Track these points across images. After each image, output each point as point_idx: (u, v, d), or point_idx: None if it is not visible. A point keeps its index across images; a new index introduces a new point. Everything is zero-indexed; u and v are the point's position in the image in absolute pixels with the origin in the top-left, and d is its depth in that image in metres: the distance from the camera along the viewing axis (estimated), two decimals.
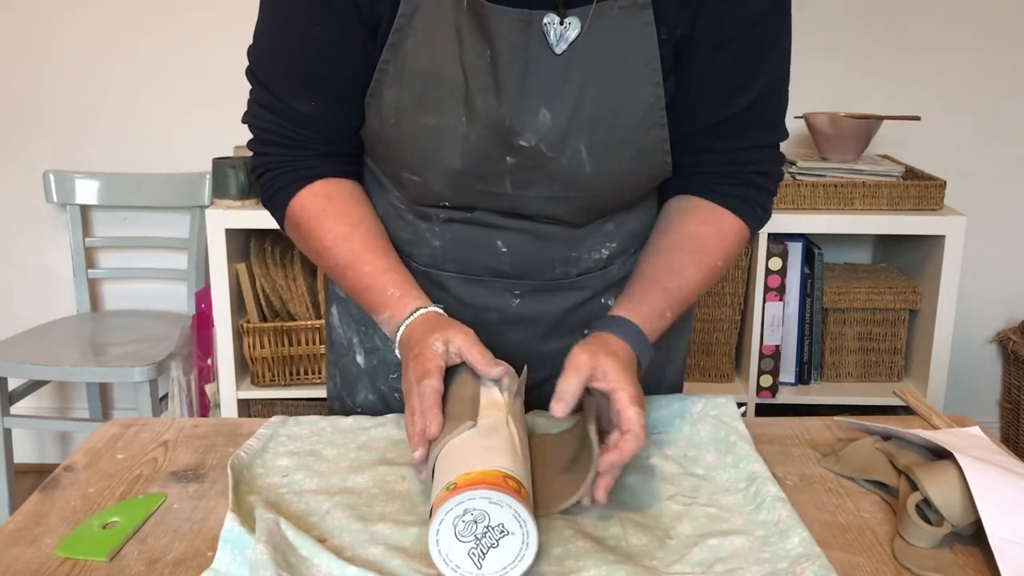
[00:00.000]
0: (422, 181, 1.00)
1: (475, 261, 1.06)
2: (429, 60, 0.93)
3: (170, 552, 0.81)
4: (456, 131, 0.95)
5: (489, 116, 0.94)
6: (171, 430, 1.05)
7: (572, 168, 0.96)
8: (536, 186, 0.98)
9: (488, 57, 0.93)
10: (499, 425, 0.84)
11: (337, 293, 1.17)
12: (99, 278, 2.60)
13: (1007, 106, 2.47)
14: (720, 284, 2.28)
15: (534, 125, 0.94)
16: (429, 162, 0.98)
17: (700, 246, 1.03)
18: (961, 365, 2.54)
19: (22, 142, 2.53)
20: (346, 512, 0.86)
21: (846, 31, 2.43)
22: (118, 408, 2.73)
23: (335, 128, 1.02)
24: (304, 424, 1.05)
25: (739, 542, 0.82)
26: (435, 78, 0.94)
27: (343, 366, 1.17)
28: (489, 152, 0.96)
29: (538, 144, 0.95)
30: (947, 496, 0.83)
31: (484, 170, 0.97)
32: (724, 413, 1.04)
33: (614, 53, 0.93)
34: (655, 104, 0.95)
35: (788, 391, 2.33)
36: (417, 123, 0.96)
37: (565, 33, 0.92)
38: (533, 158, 0.96)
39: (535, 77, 0.93)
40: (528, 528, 0.74)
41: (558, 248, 1.05)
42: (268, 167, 1.04)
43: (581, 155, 0.96)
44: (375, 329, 1.13)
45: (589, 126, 0.95)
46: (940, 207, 2.20)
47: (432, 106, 0.94)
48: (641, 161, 0.98)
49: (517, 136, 0.95)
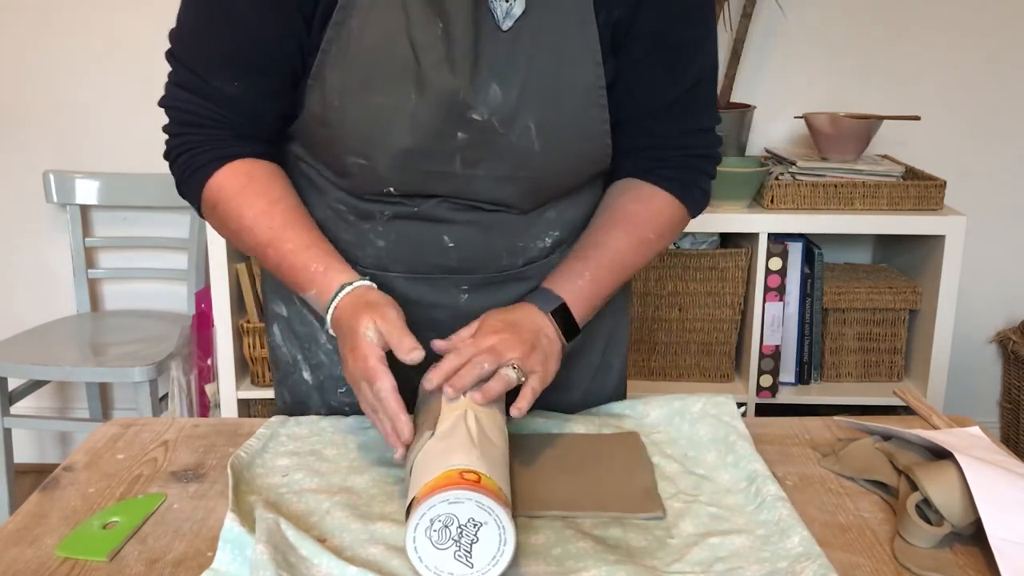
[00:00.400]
0: (368, 164, 0.98)
1: (422, 259, 1.05)
2: (376, 37, 0.93)
3: (170, 552, 0.81)
4: (405, 109, 0.94)
5: (443, 89, 0.94)
6: (171, 430, 1.05)
7: (522, 145, 0.98)
8: (485, 164, 0.99)
9: (440, 30, 0.94)
10: (457, 424, 0.85)
11: (278, 312, 1.15)
12: (99, 278, 2.60)
13: (1007, 106, 2.47)
14: (720, 284, 2.28)
15: (486, 99, 0.95)
16: (377, 142, 0.97)
17: (629, 220, 1.07)
18: (961, 365, 2.53)
19: (22, 142, 2.52)
20: (346, 512, 0.86)
21: (846, 31, 2.43)
22: (118, 408, 2.73)
23: (258, 110, 1.00)
24: (304, 424, 1.05)
25: (739, 541, 0.82)
26: (383, 55, 0.94)
27: (291, 385, 1.15)
28: (440, 128, 0.96)
29: (490, 118, 0.96)
30: (947, 496, 0.83)
31: (434, 147, 0.97)
32: (724, 413, 1.04)
33: (557, 32, 0.96)
34: (596, 84, 0.98)
35: (788, 391, 2.33)
36: (364, 103, 0.95)
37: (511, 10, 0.95)
38: (484, 133, 0.97)
39: (485, 52, 0.95)
40: (496, 512, 0.74)
41: (503, 238, 1.05)
42: (184, 147, 1.01)
43: (531, 132, 0.97)
44: (318, 346, 1.13)
45: (538, 103, 0.97)
46: (940, 207, 2.20)
47: (380, 84, 0.94)
48: (585, 142, 1.01)
49: (470, 109, 0.95)
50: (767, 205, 2.20)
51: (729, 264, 2.27)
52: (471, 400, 0.89)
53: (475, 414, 0.87)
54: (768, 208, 2.20)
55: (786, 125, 2.48)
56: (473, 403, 0.89)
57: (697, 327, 2.33)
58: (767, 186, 2.19)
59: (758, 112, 2.40)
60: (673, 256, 2.28)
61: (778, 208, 2.20)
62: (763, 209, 2.21)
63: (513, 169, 0.99)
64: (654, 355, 2.36)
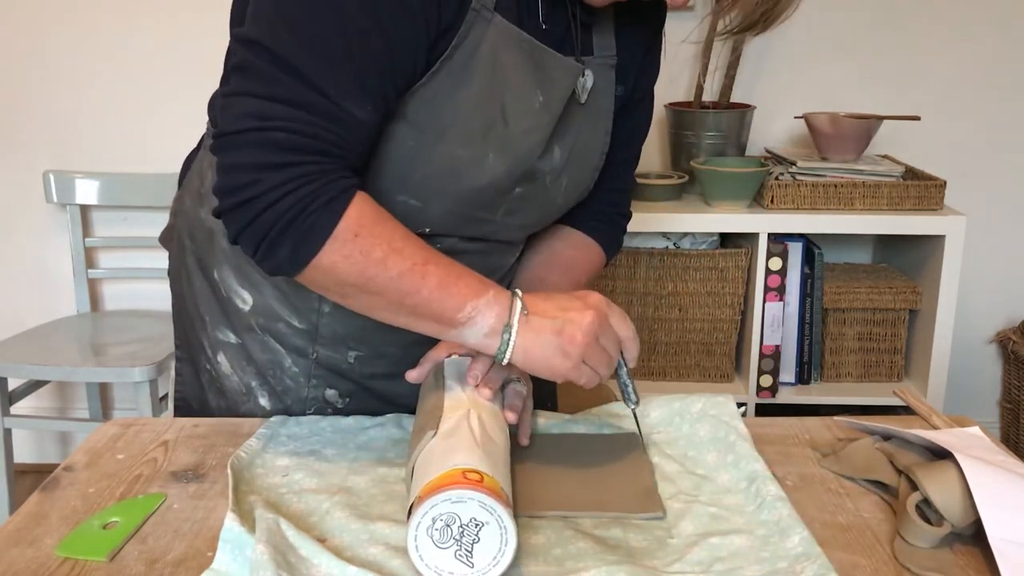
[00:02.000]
0: (420, 206, 0.97)
1: None
2: (470, 94, 0.93)
3: (170, 552, 0.81)
4: (482, 164, 0.97)
5: (532, 155, 1.00)
6: (171, 430, 1.05)
7: (553, 199, 1.08)
8: (521, 214, 1.07)
9: (539, 103, 0.98)
10: (459, 423, 0.85)
11: (223, 340, 1.11)
12: (99, 278, 2.60)
13: (1007, 106, 2.47)
14: (720, 284, 2.28)
15: (550, 159, 1.04)
16: (443, 189, 0.96)
17: (569, 264, 1.18)
18: (961, 365, 2.54)
19: (22, 142, 2.53)
20: (346, 512, 0.86)
21: (846, 31, 2.43)
22: (118, 408, 2.73)
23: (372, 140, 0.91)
24: (304, 424, 1.05)
25: (739, 541, 0.82)
26: (473, 112, 0.93)
27: (245, 414, 1.12)
28: (506, 184, 1.00)
29: (544, 177, 1.05)
30: (947, 496, 0.83)
31: (491, 200, 1.02)
32: (724, 413, 1.04)
33: (595, 104, 1.07)
34: (604, 149, 1.12)
35: (788, 391, 2.33)
36: (442, 150, 0.94)
37: (586, 84, 1.04)
38: (536, 189, 1.05)
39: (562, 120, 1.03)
40: (498, 512, 0.74)
41: (496, 260, 1.12)
42: (311, 178, 0.84)
43: (561, 188, 1.08)
44: (283, 371, 1.09)
45: (575, 164, 1.08)
46: (940, 207, 2.20)
47: (463, 138, 0.94)
48: (581, 196, 1.13)
49: (538, 169, 1.03)
50: (767, 205, 2.20)
51: (729, 264, 2.27)
52: (475, 401, 0.90)
53: (478, 414, 0.87)
54: (768, 208, 2.20)
55: (786, 125, 2.48)
56: (476, 403, 0.89)
57: (697, 327, 2.33)
58: (767, 186, 2.19)
59: (758, 112, 2.41)
60: (673, 256, 2.29)
61: (778, 208, 2.20)
62: (763, 209, 2.21)
63: (540, 219, 1.11)
64: (654, 355, 2.36)
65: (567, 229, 1.21)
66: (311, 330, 1.08)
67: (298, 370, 1.10)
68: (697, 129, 2.32)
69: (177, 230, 1.17)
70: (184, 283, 1.15)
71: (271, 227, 0.84)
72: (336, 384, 1.11)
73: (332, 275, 0.87)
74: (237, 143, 0.84)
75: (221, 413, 1.14)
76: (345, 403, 1.11)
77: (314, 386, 1.10)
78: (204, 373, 1.15)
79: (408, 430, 1.04)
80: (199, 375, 1.16)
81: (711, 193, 2.24)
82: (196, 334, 1.15)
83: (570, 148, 1.06)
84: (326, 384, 1.10)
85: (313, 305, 1.07)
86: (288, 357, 1.10)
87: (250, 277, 1.08)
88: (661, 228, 2.24)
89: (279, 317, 1.08)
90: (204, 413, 1.16)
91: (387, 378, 1.11)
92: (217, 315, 1.11)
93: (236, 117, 0.84)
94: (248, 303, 1.09)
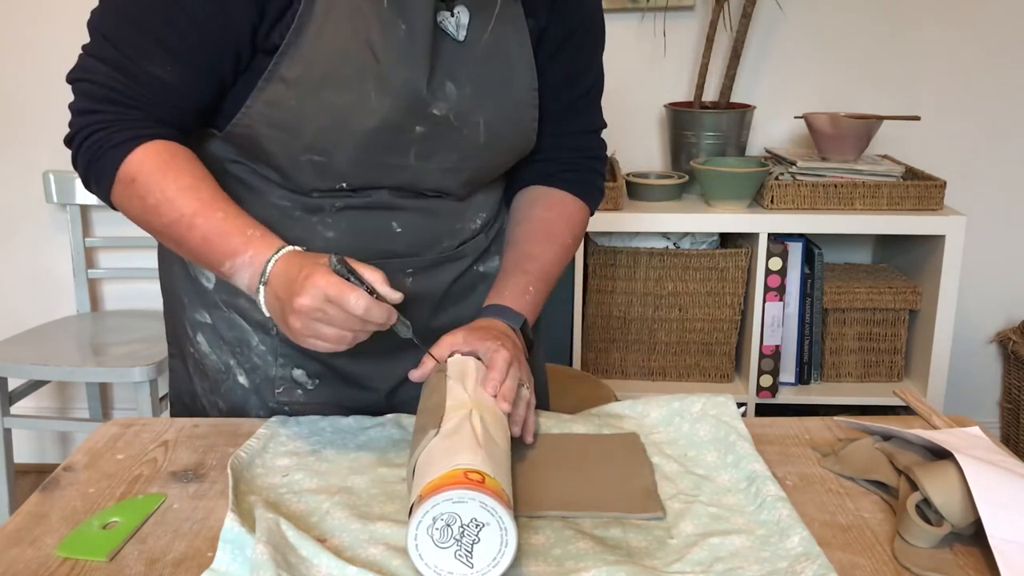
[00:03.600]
0: (325, 160, 1.01)
1: (371, 246, 1.08)
2: (334, 39, 0.96)
3: (170, 552, 0.81)
4: (365, 105, 0.98)
5: (405, 86, 0.99)
6: (171, 430, 1.05)
7: (470, 139, 1.06)
8: (437, 157, 1.05)
9: (403, 32, 0.98)
10: (461, 423, 0.85)
11: (200, 321, 1.14)
12: (99, 278, 2.60)
13: (1007, 106, 2.47)
14: (720, 284, 2.28)
15: (444, 95, 1.02)
16: (336, 138, 0.99)
17: (548, 230, 1.16)
18: (961, 365, 2.54)
19: (22, 142, 2.53)
20: (346, 512, 0.86)
21: (846, 31, 2.43)
22: (118, 408, 2.73)
23: (180, 100, 0.99)
24: (304, 424, 1.05)
25: (739, 541, 0.82)
26: (341, 56, 0.96)
27: (225, 392, 1.14)
28: (400, 122, 1.01)
29: (447, 114, 1.03)
30: (947, 496, 0.83)
31: (392, 142, 1.02)
32: (724, 413, 1.04)
33: (499, 38, 1.05)
34: (531, 85, 1.08)
35: (788, 391, 2.33)
36: (322, 101, 0.97)
37: (460, 20, 1.02)
38: (440, 128, 1.03)
39: (439, 55, 1.01)
40: (499, 513, 0.74)
41: (446, 222, 1.12)
42: (100, 125, 0.97)
43: (479, 127, 1.05)
44: (250, 349, 1.12)
45: (488, 101, 1.05)
46: (940, 207, 2.20)
47: (339, 83, 0.97)
48: (519, 136, 1.10)
49: (430, 105, 1.01)
50: (767, 205, 2.20)
51: (729, 264, 2.27)
52: (477, 401, 0.90)
53: (480, 414, 0.87)
54: (768, 208, 2.20)
55: (786, 125, 2.48)
56: (478, 403, 0.89)
57: (697, 327, 2.33)
58: (767, 186, 2.19)
59: (758, 112, 2.41)
60: (673, 256, 2.29)
61: (778, 208, 2.20)
62: (763, 209, 2.21)
63: (460, 160, 1.07)
64: (654, 355, 2.36)
65: (538, 189, 1.19)
66: None
67: (265, 348, 1.12)
68: (697, 129, 2.32)
69: None
70: (167, 269, 1.19)
71: (82, 166, 1.00)
72: (303, 364, 1.12)
73: (125, 214, 1.01)
74: (72, 91, 0.99)
75: (206, 396, 1.16)
76: (315, 384, 1.12)
77: (281, 365, 1.12)
78: (189, 358, 1.17)
79: (408, 430, 1.04)
80: (186, 361, 1.18)
81: (711, 193, 2.24)
82: (180, 319, 1.17)
83: (472, 83, 1.03)
84: (293, 363, 1.12)
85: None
86: (255, 335, 1.12)
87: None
88: (661, 228, 2.24)
89: (239, 292, 1.09)
90: (194, 403, 1.18)
91: (349, 357, 1.10)
92: (192, 296, 1.15)
93: (73, 69, 0.99)
94: (211, 280, 1.12)
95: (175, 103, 0.99)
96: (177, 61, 0.96)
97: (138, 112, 0.97)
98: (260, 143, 1.02)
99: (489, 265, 1.19)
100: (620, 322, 2.35)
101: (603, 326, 2.35)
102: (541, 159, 1.17)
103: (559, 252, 1.16)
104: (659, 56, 2.42)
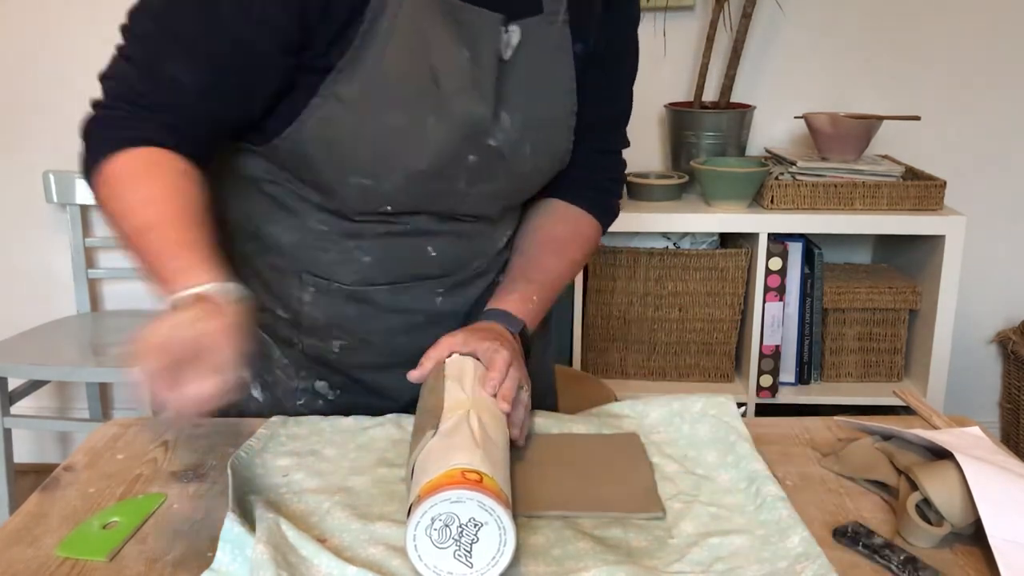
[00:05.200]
0: (373, 184, 0.99)
1: (406, 270, 1.07)
2: (396, 61, 0.94)
3: (170, 552, 0.81)
4: (422, 131, 0.97)
5: (468, 115, 0.98)
6: (171, 430, 1.05)
7: (517, 167, 1.05)
8: (484, 185, 1.04)
9: (467, 60, 0.97)
10: (460, 423, 0.85)
11: None
12: (99, 278, 2.60)
13: (1007, 106, 2.47)
14: (720, 284, 2.28)
15: (499, 126, 1.02)
16: (389, 162, 0.97)
17: (560, 243, 1.16)
18: (961, 365, 2.53)
19: (22, 142, 2.53)
20: (346, 512, 0.86)
21: (846, 31, 2.43)
22: (118, 408, 2.73)
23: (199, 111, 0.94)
24: (304, 424, 1.05)
25: (739, 541, 0.82)
26: (402, 79, 0.95)
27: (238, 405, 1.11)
28: (456, 151, 0.99)
29: (500, 145, 1.02)
30: (947, 496, 0.82)
31: (444, 169, 1.00)
32: (724, 413, 1.04)
33: (547, 63, 1.04)
34: (571, 111, 1.08)
35: (788, 391, 2.33)
36: (379, 123, 0.95)
37: (510, 41, 1.01)
38: (492, 157, 1.02)
39: (499, 81, 1.00)
40: (498, 513, 0.74)
41: (479, 243, 1.12)
42: (110, 121, 0.95)
43: (526, 155, 1.05)
44: (272, 362, 1.11)
45: (535, 130, 1.05)
46: (940, 207, 2.20)
47: (398, 107, 0.95)
48: (556, 160, 1.10)
49: (488, 136, 1.01)
50: (767, 205, 2.20)
51: (729, 264, 2.27)
52: (475, 401, 0.90)
53: (478, 414, 0.87)
54: (768, 208, 2.20)
55: (786, 125, 2.48)
56: (476, 403, 0.89)
57: (697, 327, 2.33)
58: (767, 186, 2.19)
59: (758, 112, 2.41)
60: (673, 256, 2.29)
61: (778, 208, 2.20)
62: (763, 209, 2.21)
63: (506, 187, 1.07)
64: (654, 355, 2.36)
65: (555, 202, 1.18)
66: (294, 319, 1.09)
67: (287, 361, 1.11)
68: (697, 129, 2.32)
69: None
70: None
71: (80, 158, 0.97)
72: (326, 376, 1.12)
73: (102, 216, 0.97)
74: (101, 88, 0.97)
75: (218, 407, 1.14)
76: (336, 395, 1.12)
77: (303, 377, 1.12)
78: None
79: (408, 430, 1.04)
80: None
81: (711, 193, 2.24)
82: None
83: (523, 112, 1.03)
84: (316, 375, 1.12)
85: (295, 293, 1.08)
86: (277, 348, 1.11)
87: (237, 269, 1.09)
88: (661, 228, 2.24)
89: (264, 307, 1.09)
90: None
91: (376, 370, 1.12)
92: None
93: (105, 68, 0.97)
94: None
95: (190, 108, 0.95)
96: (198, 64, 0.93)
97: (148, 114, 0.94)
98: (309, 162, 0.98)
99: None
100: (620, 322, 2.35)
101: (603, 326, 2.35)
102: (563, 174, 1.15)
103: (568, 266, 1.16)
104: (659, 56, 2.42)
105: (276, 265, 1.08)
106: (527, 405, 1.00)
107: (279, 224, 1.05)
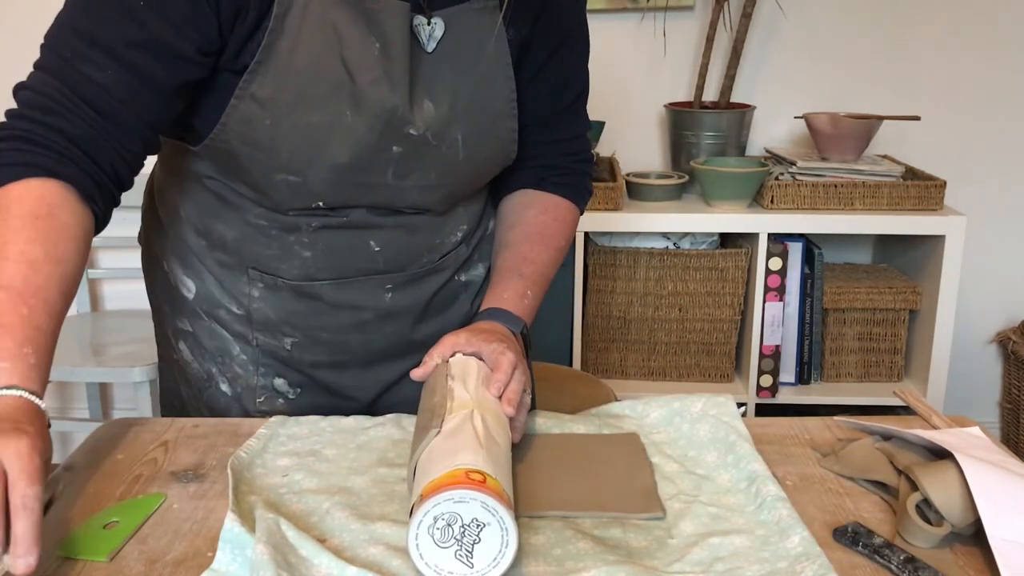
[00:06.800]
0: (300, 180, 0.99)
1: (349, 265, 1.08)
2: (308, 57, 0.94)
3: (170, 552, 0.81)
4: (341, 125, 0.97)
5: (382, 107, 0.97)
6: (171, 430, 1.05)
7: (449, 156, 1.04)
8: (415, 175, 1.04)
9: (377, 50, 0.97)
10: (463, 423, 0.85)
11: (182, 329, 1.14)
12: (99, 278, 2.60)
13: (1007, 106, 2.47)
14: (720, 284, 2.28)
15: (421, 114, 1.00)
16: (311, 159, 0.98)
17: (544, 233, 1.16)
18: (961, 365, 2.54)
19: None
20: (346, 512, 0.86)
21: (846, 31, 2.43)
22: (118, 408, 2.73)
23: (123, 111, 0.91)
24: (304, 424, 1.05)
25: (739, 541, 0.82)
26: (316, 74, 0.95)
27: (208, 399, 1.15)
28: (377, 143, 0.99)
29: (424, 133, 1.01)
30: (947, 496, 0.82)
31: (369, 161, 1.00)
32: (724, 413, 1.04)
33: (476, 51, 1.03)
34: (509, 97, 1.07)
35: (788, 391, 2.33)
36: (297, 121, 0.95)
37: (433, 32, 1.00)
38: (418, 147, 1.01)
39: (416, 71, 1.00)
40: (500, 514, 0.74)
41: (425, 237, 1.11)
42: (19, 133, 0.88)
43: (457, 144, 1.04)
44: (231, 358, 1.13)
45: (464, 117, 1.03)
46: (940, 207, 2.20)
47: (313, 102, 0.95)
48: (498, 149, 1.09)
49: (408, 125, 1.00)
50: (767, 205, 2.20)
51: (729, 264, 2.27)
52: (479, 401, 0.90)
53: (481, 414, 0.87)
54: (768, 208, 2.20)
55: (786, 125, 2.48)
56: (480, 403, 0.89)
57: (697, 327, 2.33)
58: (767, 186, 2.19)
59: (758, 112, 2.41)
60: (673, 256, 2.29)
61: (778, 208, 2.20)
62: (763, 209, 2.21)
63: (439, 178, 1.05)
64: (654, 355, 2.37)
65: (531, 193, 1.18)
66: (246, 315, 1.11)
67: (246, 357, 1.12)
68: (697, 129, 2.32)
69: (142, 226, 1.22)
70: (150, 276, 1.19)
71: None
72: (283, 373, 1.13)
73: None
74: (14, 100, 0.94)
75: (191, 402, 1.17)
76: (296, 393, 1.13)
77: (263, 374, 1.13)
78: (173, 364, 1.18)
79: (408, 430, 1.04)
80: (171, 366, 1.19)
81: (711, 193, 2.24)
82: (163, 326, 1.18)
83: (449, 100, 1.01)
84: (274, 372, 1.13)
85: (244, 290, 1.09)
86: (235, 344, 1.12)
87: (192, 266, 1.11)
88: (661, 228, 2.24)
89: (219, 303, 1.11)
90: (183, 407, 1.19)
91: (332, 368, 1.13)
92: (174, 304, 1.15)
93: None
94: (192, 291, 1.12)
95: (115, 116, 0.91)
96: (117, 61, 0.90)
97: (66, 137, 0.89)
98: (236, 160, 1.00)
99: (472, 274, 1.19)
100: (620, 322, 2.35)
101: (603, 326, 2.35)
102: (533, 165, 1.16)
103: (554, 255, 1.16)
104: (659, 56, 2.42)
105: (224, 261, 1.10)
106: (527, 407, 1.00)
107: (223, 220, 1.06)
